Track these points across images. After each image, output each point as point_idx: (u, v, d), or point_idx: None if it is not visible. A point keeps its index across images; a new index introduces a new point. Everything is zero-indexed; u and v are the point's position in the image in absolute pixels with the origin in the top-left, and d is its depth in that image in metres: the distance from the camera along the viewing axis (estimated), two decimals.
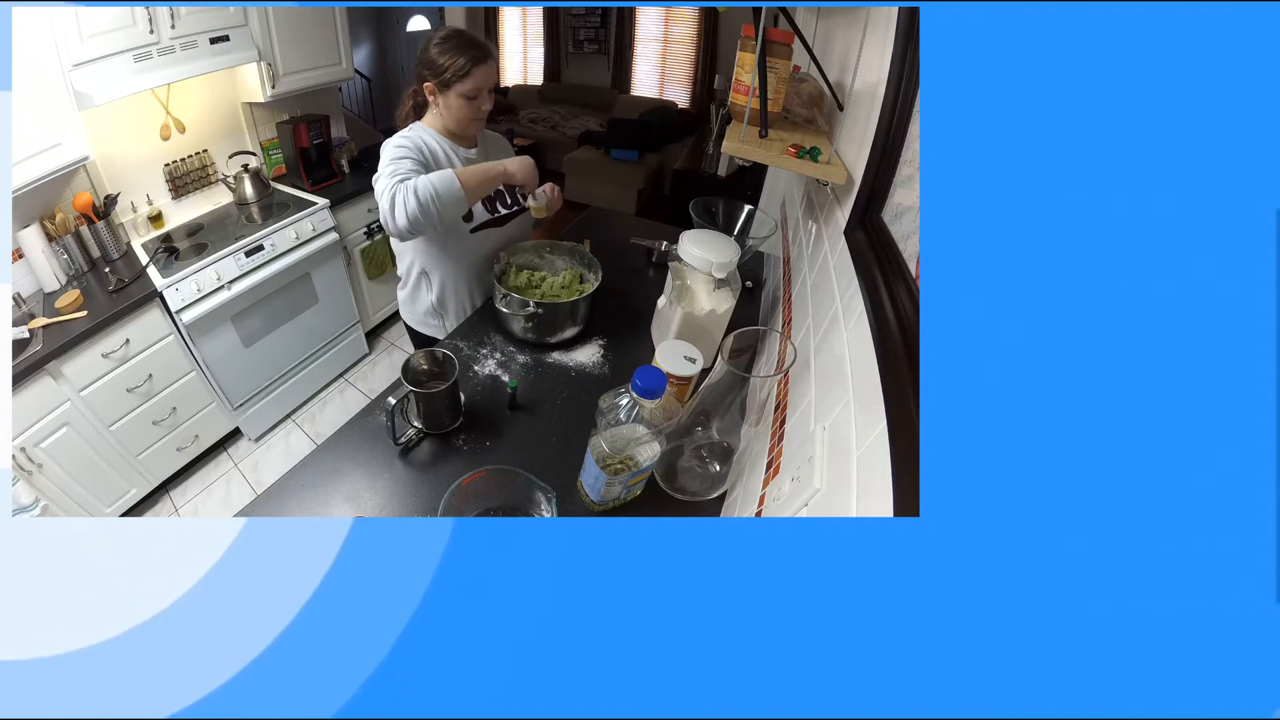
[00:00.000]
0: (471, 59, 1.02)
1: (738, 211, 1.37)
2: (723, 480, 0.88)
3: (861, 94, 0.93)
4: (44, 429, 1.56)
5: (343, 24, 2.32)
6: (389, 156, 1.04)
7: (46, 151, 1.53)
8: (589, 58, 4.97)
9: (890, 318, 0.61)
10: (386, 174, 1.00)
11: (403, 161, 1.02)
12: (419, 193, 0.94)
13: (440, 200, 0.96)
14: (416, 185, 0.95)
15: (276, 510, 0.84)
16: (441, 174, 0.98)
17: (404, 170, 1.00)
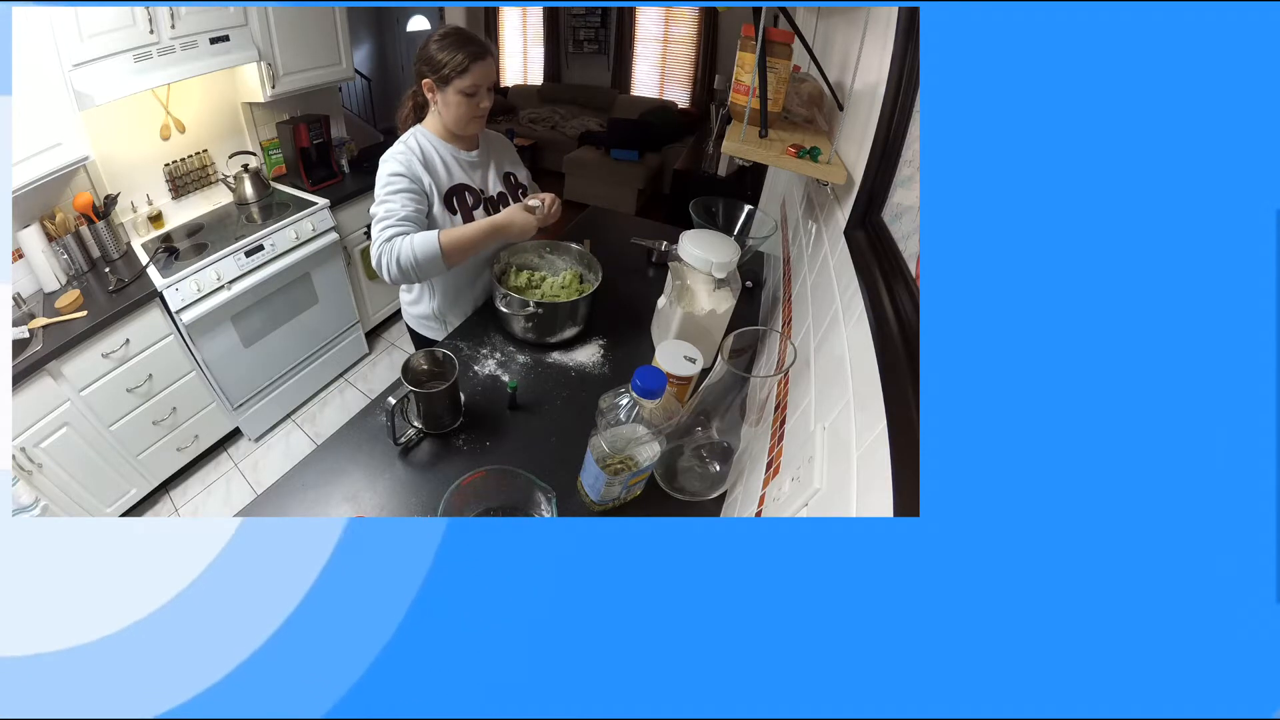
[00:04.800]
0: (470, 55, 1.02)
1: (738, 211, 1.36)
2: (723, 480, 0.88)
3: (861, 94, 0.93)
4: (44, 429, 1.56)
5: (343, 24, 2.32)
6: (382, 188, 1.06)
7: (46, 151, 1.53)
8: (589, 58, 4.96)
9: (890, 318, 0.61)
10: (379, 218, 1.04)
11: (394, 199, 1.04)
12: (400, 260, 1.01)
13: (420, 268, 1.03)
14: (399, 251, 1.01)
15: (276, 510, 0.84)
16: (425, 241, 1.01)
17: (396, 215, 1.03)
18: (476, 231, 1.06)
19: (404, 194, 1.05)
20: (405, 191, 1.05)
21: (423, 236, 1.02)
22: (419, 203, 1.07)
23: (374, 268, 1.05)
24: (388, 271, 1.03)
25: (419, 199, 1.07)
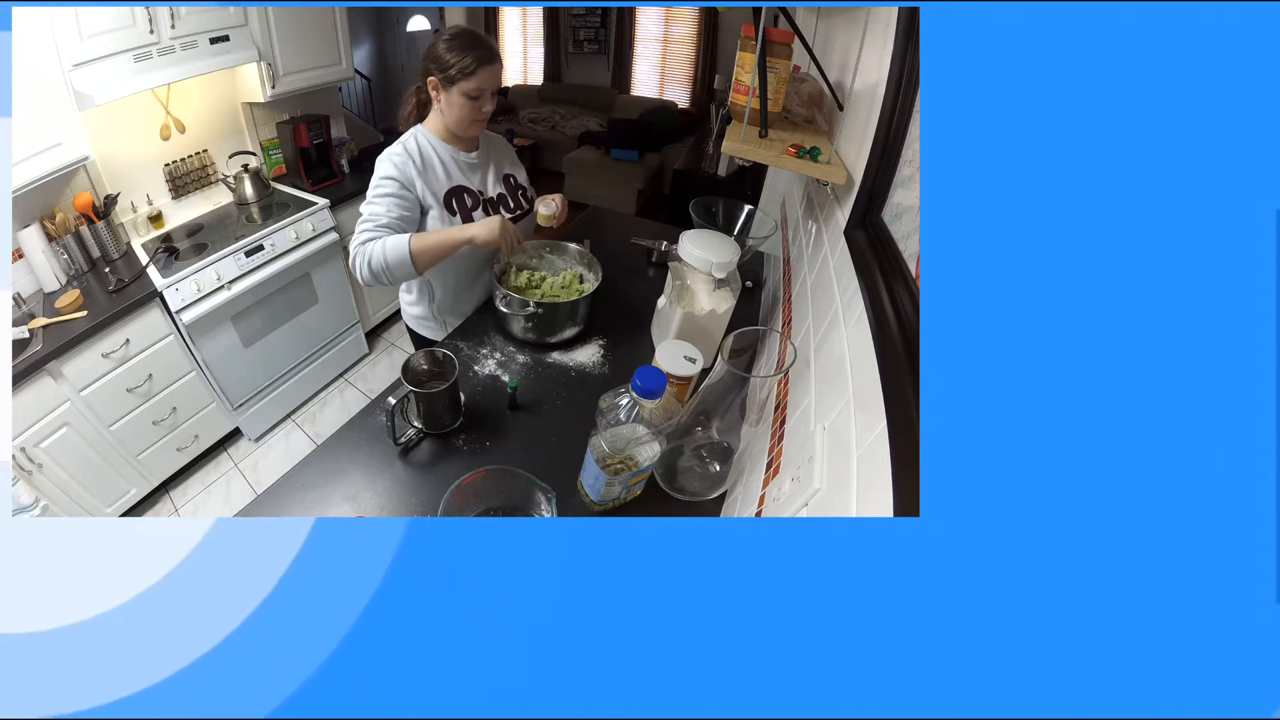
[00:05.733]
0: (478, 59, 1.02)
1: (738, 211, 1.36)
2: (723, 480, 0.88)
3: (861, 94, 0.93)
4: (44, 429, 1.56)
5: (343, 24, 2.32)
6: (373, 189, 1.07)
7: (46, 151, 1.53)
8: (589, 58, 4.96)
9: (890, 318, 0.61)
10: (364, 218, 1.06)
11: (380, 203, 1.06)
12: (372, 263, 1.04)
13: (390, 272, 1.04)
14: (371, 255, 1.03)
15: (276, 510, 0.84)
16: (396, 245, 1.02)
17: (379, 218, 1.05)
18: (445, 238, 1.06)
19: (391, 199, 1.06)
20: (393, 196, 1.06)
21: (394, 240, 1.03)
22: (405, 209, 1.07)
23: (349, 267, 1.07)
24: (360, 273, 1.06)
25: (406, 205, 1.08)
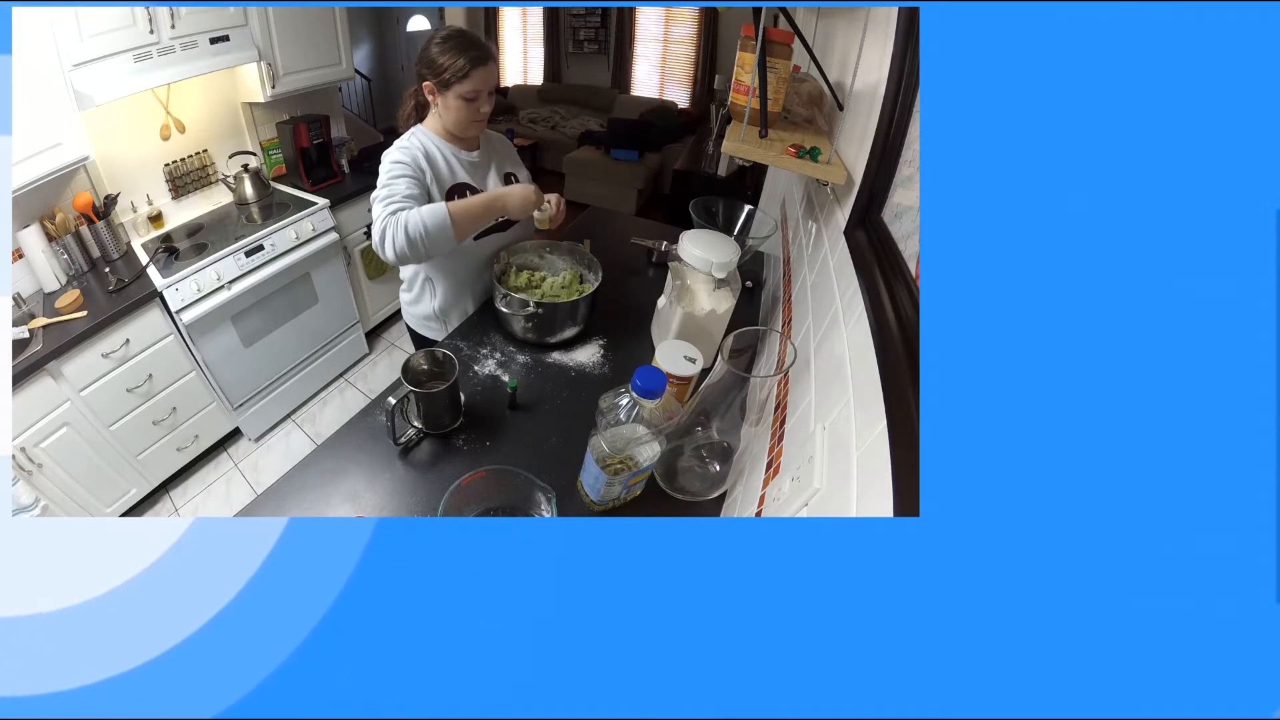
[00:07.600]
0: (471, 60, 1.02)
1: (738, 211, 1.37)
2: (723, 480, 0.88)
3: (861, 94, 0.93)
4: (44, 429, 1.56)
5: (343, 24, 2.32)
6: (385, 174, 1.04)
7: (46, 151, 1.53)
8: (589, 58, 4.96)
9: (890, 318, 0.61)
10: (381, 198, 1.01)
11: (398, 182, 1.02)
12: (409, 229, 0.95)
13: (429, 239, 0.97)
14: (408, 221, 0.95)
15: (276, 510, 0.84)
16: (434, 210, 0.97)
17: (399, 194, 1.00)
18: (479, 203, 1.04)
19: (407, 179, 1.04)
20: (408, 177, 1.04)
21: (431, 207, 0.98)
22: (420, 189, 1.06)
23: (376, 245, 1.00)
24: (393, 244, 0.96)
25: (421, 186, 1.06)
